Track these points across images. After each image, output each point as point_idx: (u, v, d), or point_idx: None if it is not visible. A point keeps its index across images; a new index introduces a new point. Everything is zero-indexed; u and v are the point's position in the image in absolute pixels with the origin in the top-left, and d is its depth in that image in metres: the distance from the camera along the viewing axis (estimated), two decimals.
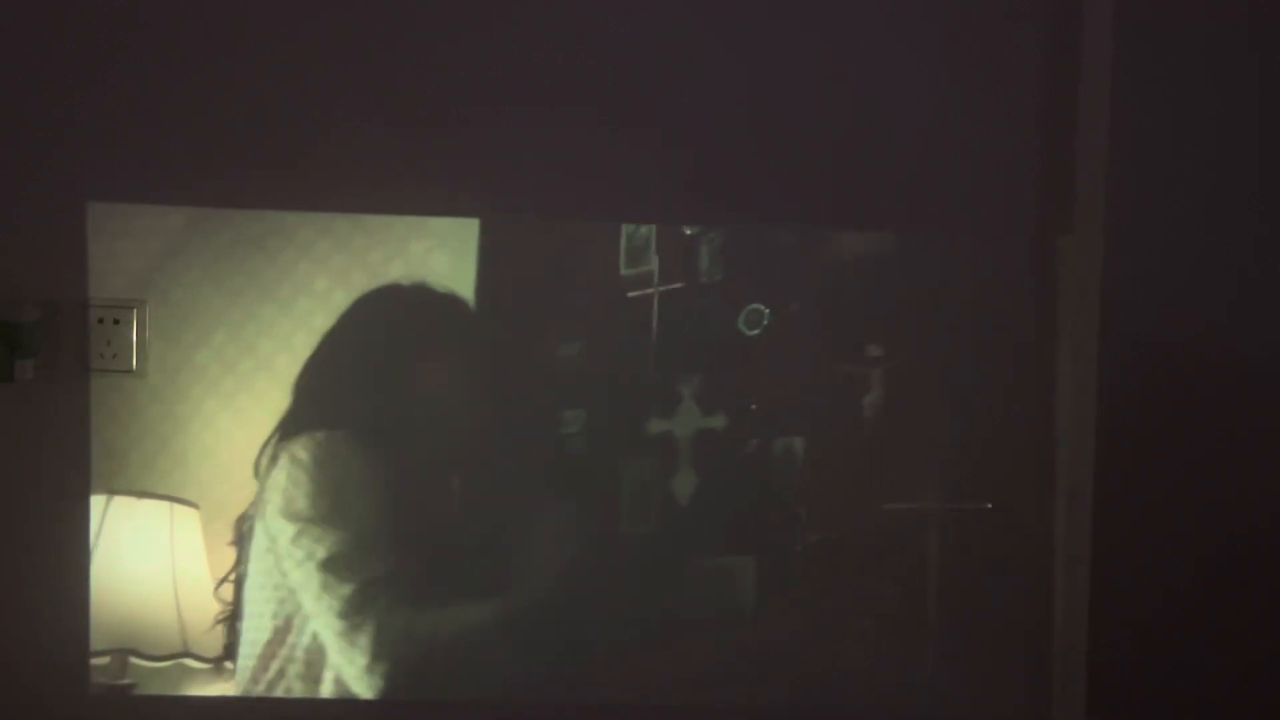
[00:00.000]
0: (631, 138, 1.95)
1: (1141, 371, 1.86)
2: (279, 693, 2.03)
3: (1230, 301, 1.88)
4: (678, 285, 2.23)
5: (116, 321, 1.92)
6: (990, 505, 2.26)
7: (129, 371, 1.93)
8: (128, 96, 1.86)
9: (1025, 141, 1.94)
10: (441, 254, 2.14)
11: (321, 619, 2.02)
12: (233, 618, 2.10)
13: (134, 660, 2.08)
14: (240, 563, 2.11)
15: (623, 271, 2.22)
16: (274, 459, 2.04)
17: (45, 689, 1.83)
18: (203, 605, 2.18)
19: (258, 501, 2.07)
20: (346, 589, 1.98)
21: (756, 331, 2.23)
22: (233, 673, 2.13)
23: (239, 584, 2.12)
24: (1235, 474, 1.89)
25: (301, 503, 1.98)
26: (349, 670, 2.02)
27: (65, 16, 1.84)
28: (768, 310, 2.23)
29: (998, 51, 1.94)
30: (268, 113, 1.87)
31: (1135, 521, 1.91)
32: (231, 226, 2.02)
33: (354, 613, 1.99)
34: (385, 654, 1.99)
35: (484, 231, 2.17)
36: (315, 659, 2.05)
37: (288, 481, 2.01)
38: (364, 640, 1.99)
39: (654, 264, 2.22)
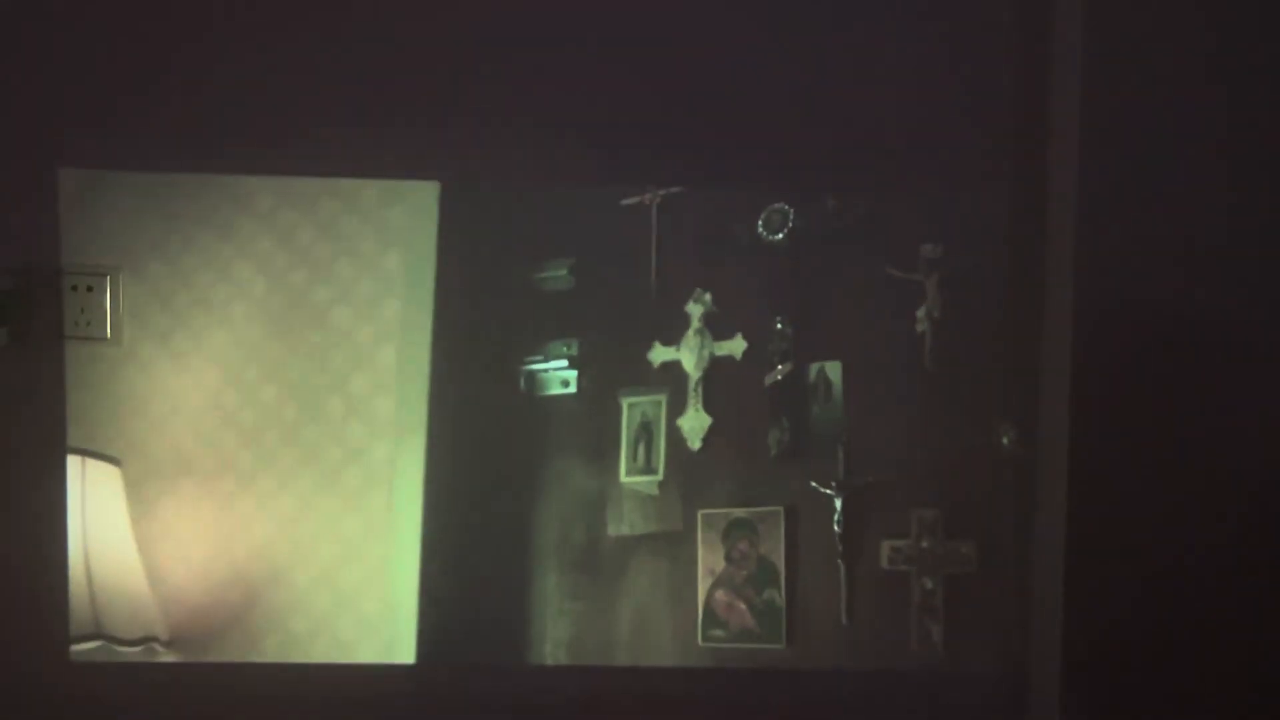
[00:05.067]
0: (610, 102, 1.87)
1: (1114, 345, 1.76)
2: None
3: (1203, 267, 1.77)
4: (679, 189, 1.98)
5: (90, 289, 1.93)
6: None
7: (104, 339, 1.94)
8: (99, 60, 1.82)
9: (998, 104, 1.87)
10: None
11: None
12: None
13: None
14: None
15: None
16: None
17: (25, 656, 1.79)
18: (120, 578, 1.96)
19: None
20: None
21: (780, 236, 1.99)
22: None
23: None
24: (1211, 445, 1.78)
25: None
26: None
27: None
28: (792, 210, 1.98)
29: (971, 18, 1.86)
30: (241, 78, 1.82)
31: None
32: (206, 191, 1.99)
33: None
34: None
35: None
36: None
37: None
38: None
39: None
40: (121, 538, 1.96)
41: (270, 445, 1.99)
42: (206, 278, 2.00)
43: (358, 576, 1.99)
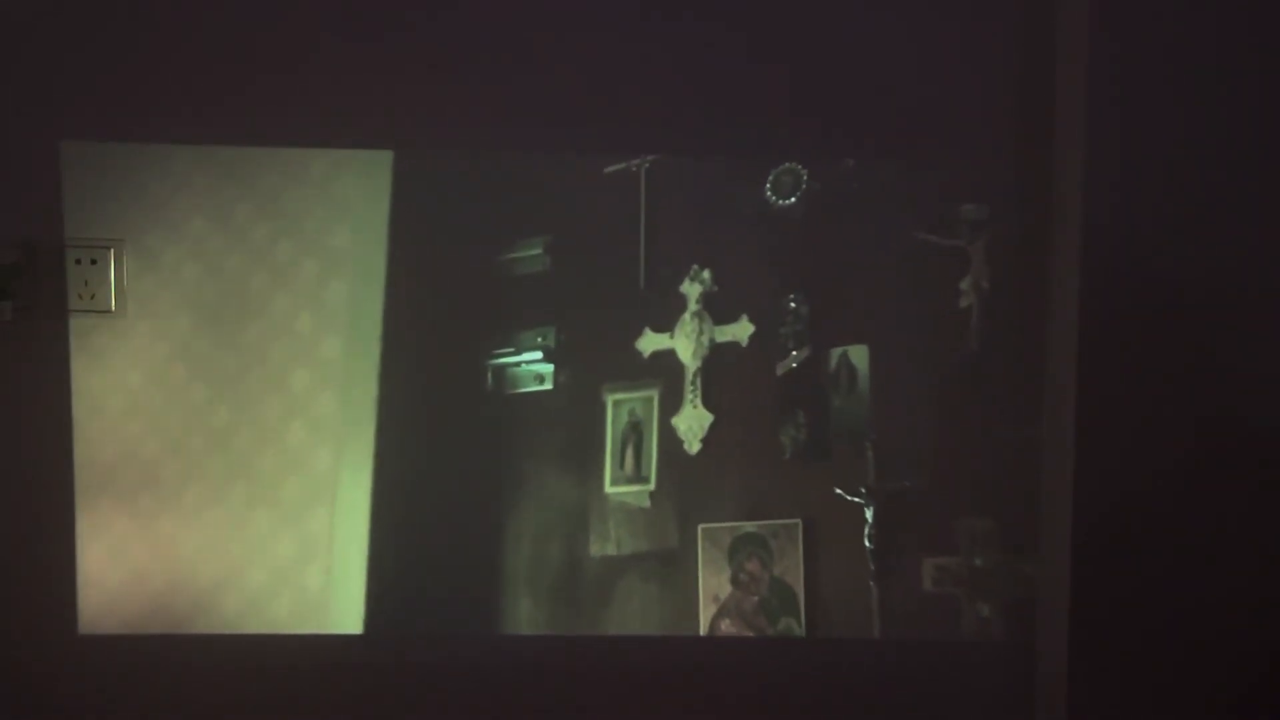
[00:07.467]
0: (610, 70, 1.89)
1: (1120, 296, 1.77)
2: None
3: (1210, 215, 1.79)
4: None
5: (94, 262, 1.99)
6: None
7: (108, 311, 1.99)
8: (98, 33, 1.93)
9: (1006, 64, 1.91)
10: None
11: None
12: None
13: None
14: None
15: None
16: None
17: (33, 629, 1.95)
18: None
19: None
20: None
21: (792, 200, 1.89)
22: None
23: None
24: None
25: None
26: None
27: None
28: (805, 170, 1.88)
29: None
30: (242, 49, 1.91)
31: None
32: (208, 162, 1.97)
33: None
34: None
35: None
36: None
37: None
38: None
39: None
40: None
41: (198, 452, 1.89)
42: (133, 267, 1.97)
43: (293, 607, 1.85)
